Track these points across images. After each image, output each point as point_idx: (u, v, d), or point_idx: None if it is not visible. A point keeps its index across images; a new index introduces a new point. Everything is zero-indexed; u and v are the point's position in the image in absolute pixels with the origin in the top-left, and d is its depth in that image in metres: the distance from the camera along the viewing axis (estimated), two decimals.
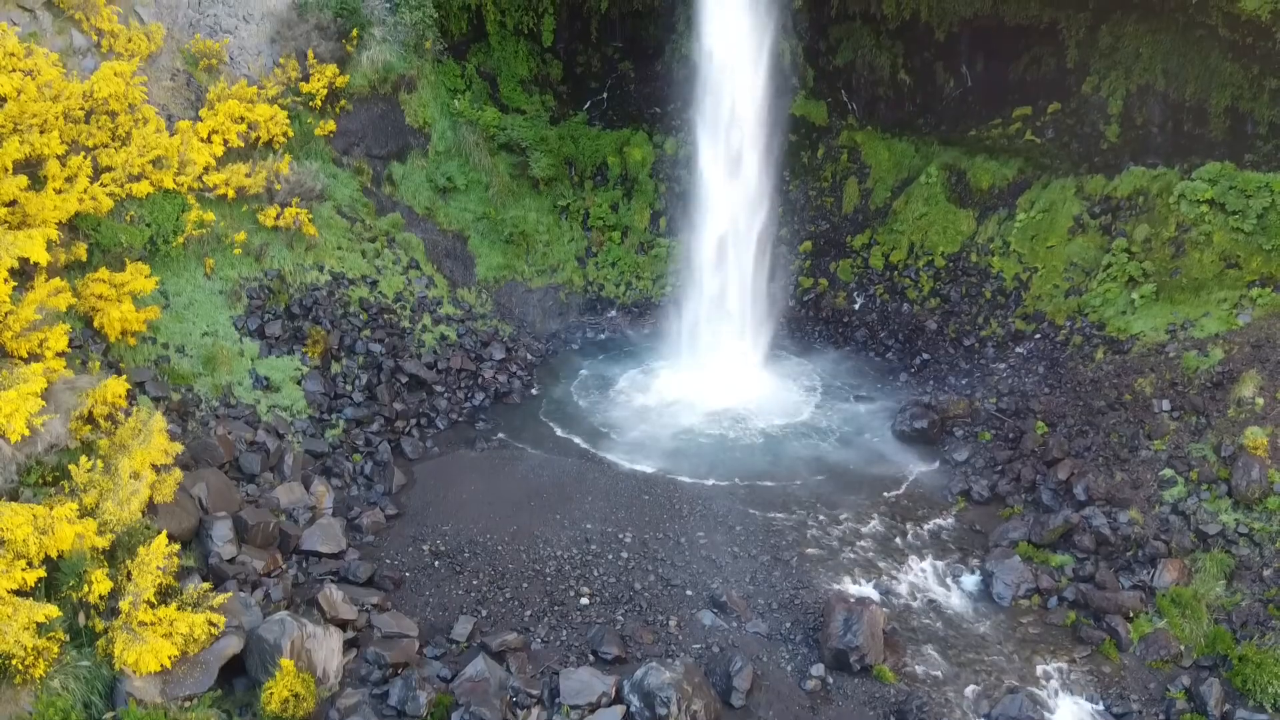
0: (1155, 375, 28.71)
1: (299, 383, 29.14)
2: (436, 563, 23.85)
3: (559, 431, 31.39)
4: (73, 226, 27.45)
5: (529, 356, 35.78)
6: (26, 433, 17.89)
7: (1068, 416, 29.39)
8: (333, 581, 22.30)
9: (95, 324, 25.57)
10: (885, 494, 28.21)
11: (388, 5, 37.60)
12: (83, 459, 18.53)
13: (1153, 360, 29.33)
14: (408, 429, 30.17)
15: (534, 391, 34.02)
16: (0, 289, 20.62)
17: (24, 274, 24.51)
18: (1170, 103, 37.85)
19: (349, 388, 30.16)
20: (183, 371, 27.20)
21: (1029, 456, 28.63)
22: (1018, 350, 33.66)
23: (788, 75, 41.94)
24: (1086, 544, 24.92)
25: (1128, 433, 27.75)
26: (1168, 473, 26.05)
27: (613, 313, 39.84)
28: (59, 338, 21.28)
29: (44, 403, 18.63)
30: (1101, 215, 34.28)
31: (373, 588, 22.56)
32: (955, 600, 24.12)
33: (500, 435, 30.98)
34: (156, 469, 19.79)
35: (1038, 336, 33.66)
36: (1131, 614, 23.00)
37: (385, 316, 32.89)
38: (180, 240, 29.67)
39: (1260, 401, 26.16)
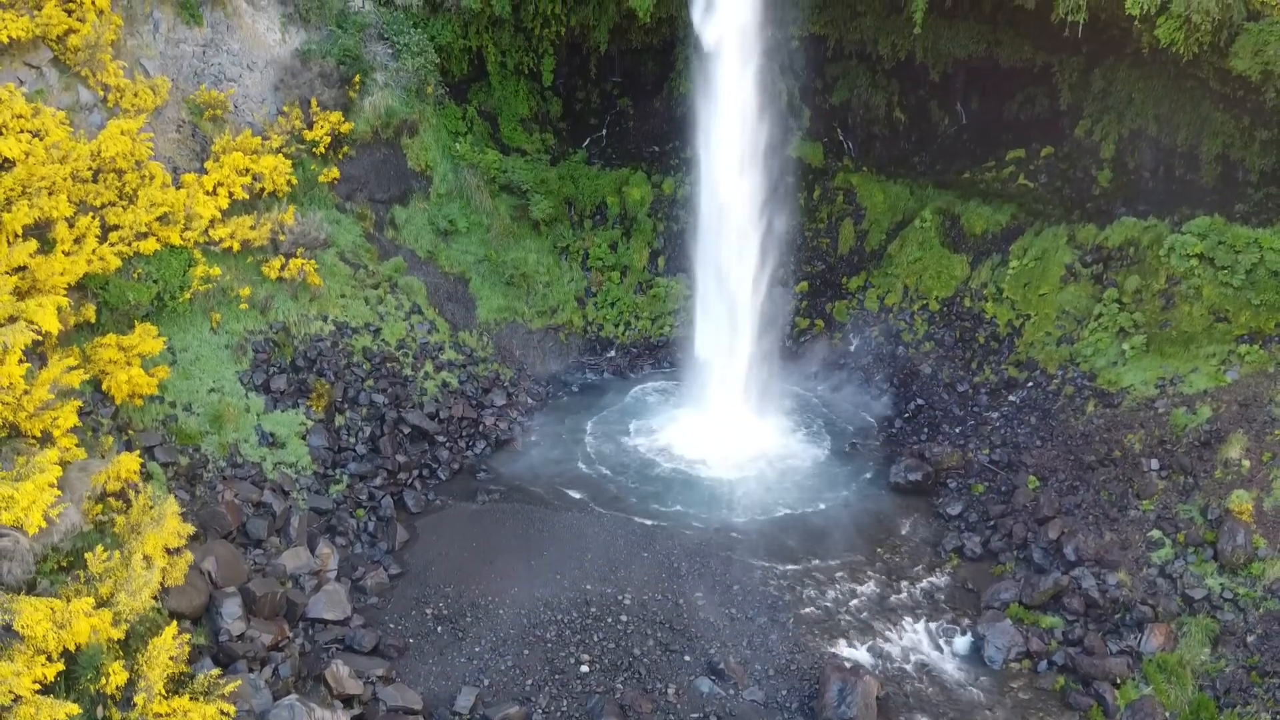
0: (1145, 431, 29.25)
1: (304, 438, 29.64)
2: (439, 628, 24.38)
3: (558, 482, 31.82)
4: (81, 286, 27.89)
5: (529, 401, 36.31)
6: (44, 524, 18.39)
7: (1059, 471, 29.93)
8: (338, 650, 22.88)
9: (105, 388, 26.06)
10: (880, 550, 28.74)
11: (390, 51, 38.07)
12: (99, 548, 19.05)
13: (1142, 415, 29.86)
14: (410, 480, 30.66)
15: (534, 438, 34.46)
16: (14, 371, 21.05)
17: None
18: (1162, 148, 38.43)
19: (352, 440, 30.66)
20: (190, 431, 27.69)
21: (1021, 512, 29.18)
22: (1010, 399, 34.19)
23: (785, 116, 42.46)
24: (1076, 606, 25.48)
25: (1117, 490, 28.30)
26: (1155, 534, 26.61)
27: (612, 353, 40.37)
28: (70, 416, 21.74)
29: (59, 492, 19.12)
30: (1093, 265, 34.80)
31: (377, 656, 23.07)
32: (948, 663, 24.68)
33: (501, 486, 31.43)
34: (169, 551, 20.32)
35: (1030, 385, 34.19)
36: (1118, 680, 23.56)
37: (388, 365, 33.39)
38: (187, 296, 30.16)
39: (1246, 464, 26.70)
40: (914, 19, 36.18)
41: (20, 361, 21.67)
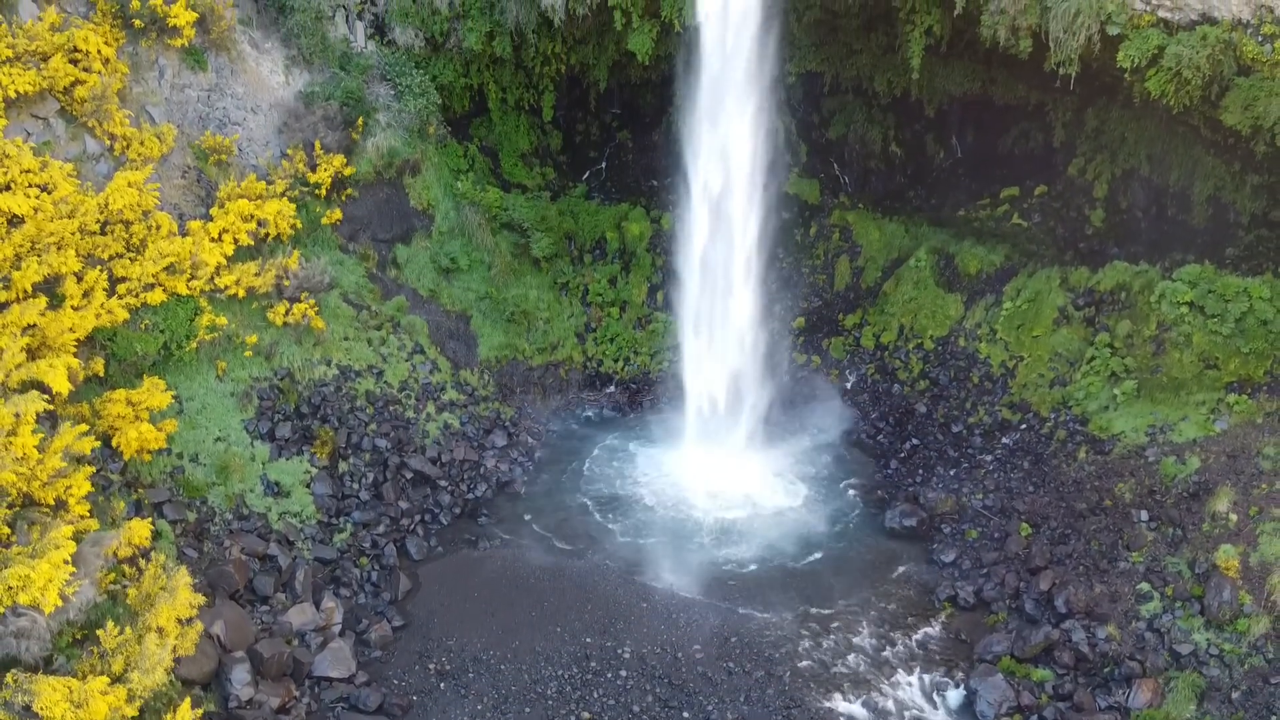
0: (1135, 480, 29.76)
1: (308, 486, 30.13)
2: (442, 684, 24.89)
3: (558, 527, 32.22)
4: (89, 339, 28.36)
5: (530, 440, 36.78)
6: (60, 603, 18.90)
7: (1051, 518, 30.45)
8: (344, 709, 23.41)
9: (114, 444, 26.54)
10: (875, 599, 29.24)
11: (392, 92, 38.51)
12: (110, 624, 19.55)
13: (1132, 464, 30.38)
14: (412, 527, 31.13)
15: (535, 480, 34.95)
16: (28, 441, 21.53)
17: (41, 389, 25.37)
18: (1154, 188, 38.95)
19: (356, 487, 31.15)
20: (197, 482, 28.19)
21: (1013, 560, 29.69)
22: (1004, 441, 34.70)
23: (782, 152, 42.95)
24: (1066, 660, 26.00)
25: (1108, 541, 28.82)
26: (1144, 586, 27.12)
27: (611, 388, 40.85)
28: (83, 483, 22.24)
29: (74, 569, 19.61)
30: (1085, 308, 35.30)
31: (382, 715, 23.58)
32: (940, 718, 25.21)
33: (501, 531, 31.92)
34: (180, 622, 20.82)
35: (1023, 427, 34.71)
36: None
37: (391, 408, 33.88)
38: (193, 345, 30.66)
39: (1234, 518, 27.21)
40: (911, 63, 36.66)
41: (34, 430, 22.18)
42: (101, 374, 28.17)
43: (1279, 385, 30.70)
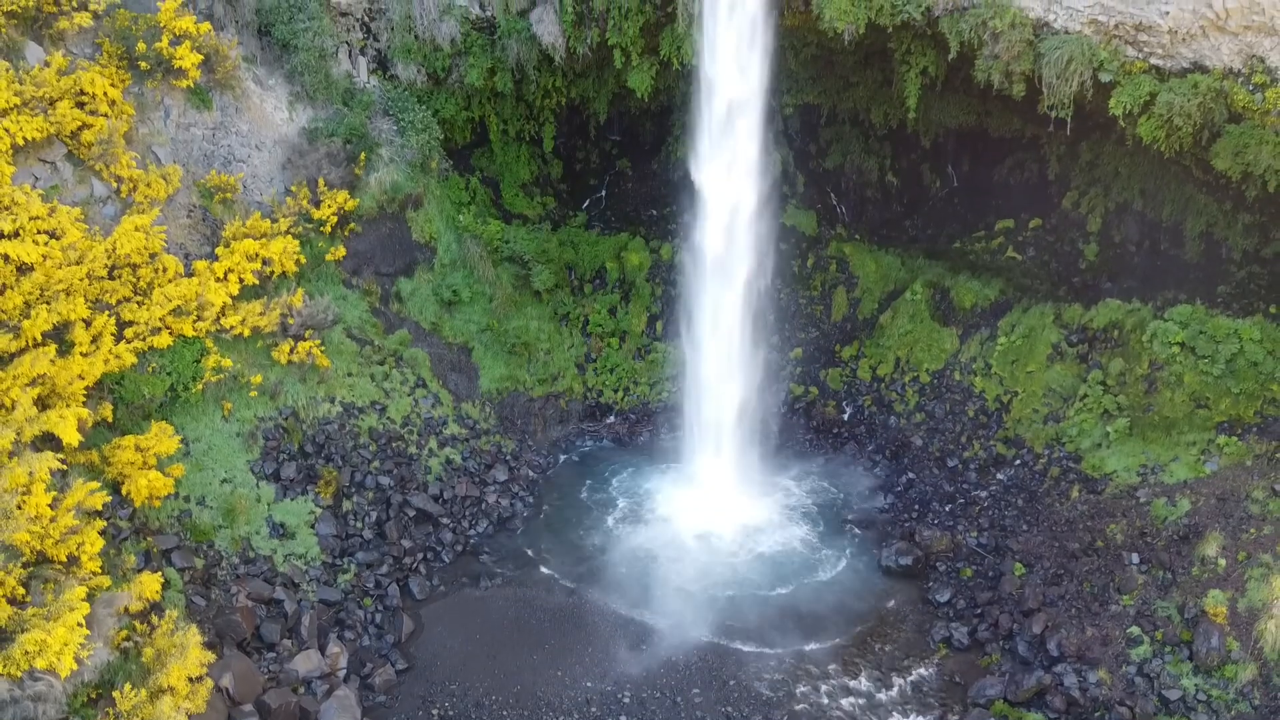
0: (1126, 521, 30.26)
1: (312, 526, 30.59)
2: None
3: (557, 564, 32.63)
4: (97, 384, 28.79)
5: (531, 474, 37.23)
6: (75, 667, 19.38)
7: (1044, 558, 30.94)
8: None
9: (125, 492, 27.00)
10: (871, 640, 29.68)
11: (395, 128, 38.90)
12: (126, 686, 20.03)
13: (1124, 504, 30.89)
14: (415, 565, 31.56)
15: (535, 515, 35.39)
16: (41, 500, 21.99)
17: (52, 439, 25.80)
18: (1147, 222, 39.50)
19: (359, 525, 31.60)
20: (204, 526, 28.66)
21: (1007, 600, 30.17)
22: (999, 477, 35.21)
23: (779, 184, 43.39)
24: (1058, 705, 26.51)
25: (1099, 583, 29.32)
26: (1135, 630, 27.64)
27: (611, 419, 41.31)
28: (95, 539, 22.71)
29: (88, 631, 20.08)
30: (1079, 345, 35.79)
31: None
32: None
33: (502, 570, 32.32)
34: (191, 680, 21.30)
35: (1017, 463, 35.22)
36: None
37: (394, 445, 34.33)
38: (199, 387, 31.09)
39: (1222, 563, 27.72)
40: (908, 103, 37.11)
41: (47, 488, 22.64)
42: (110, 419, 28.59)
43: (1269, 427, 31.26)
